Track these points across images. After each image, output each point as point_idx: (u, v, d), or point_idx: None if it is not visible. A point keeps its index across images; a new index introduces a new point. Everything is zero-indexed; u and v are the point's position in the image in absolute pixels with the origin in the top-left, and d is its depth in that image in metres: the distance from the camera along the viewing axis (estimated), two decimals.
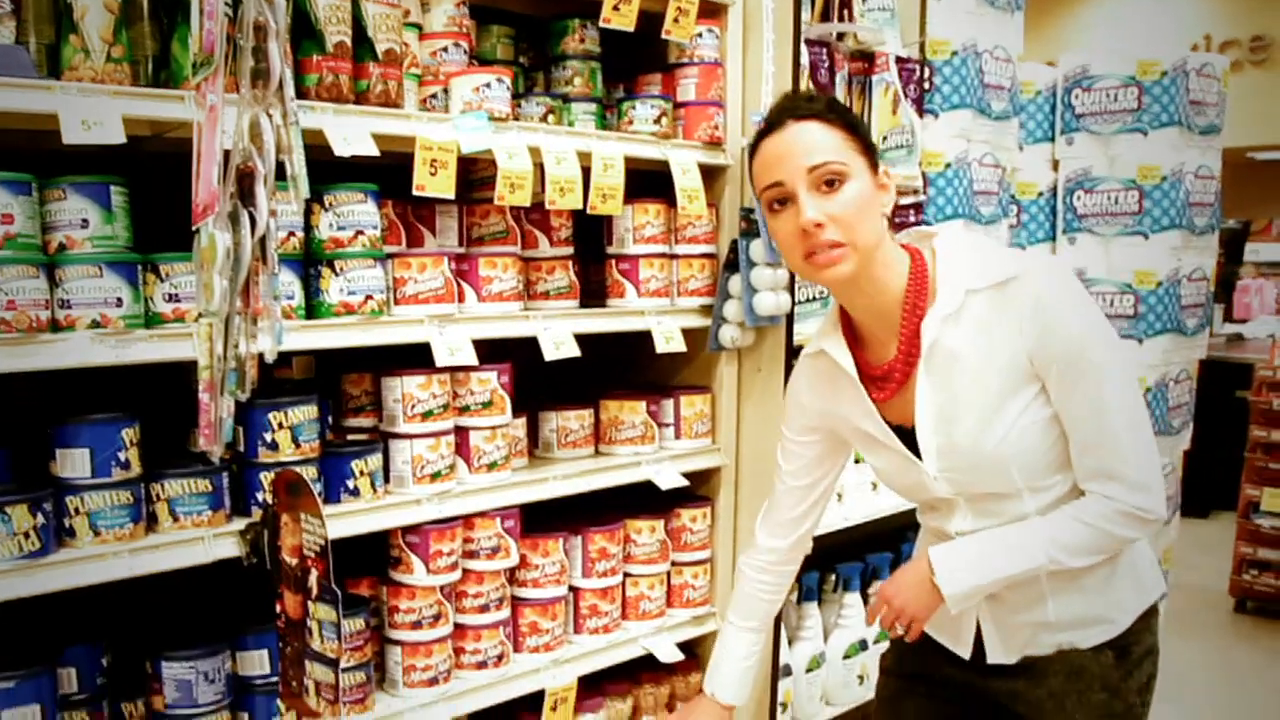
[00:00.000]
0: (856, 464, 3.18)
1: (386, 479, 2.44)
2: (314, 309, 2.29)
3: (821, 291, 3.01)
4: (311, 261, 2.30)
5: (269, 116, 1.70)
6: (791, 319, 2.88)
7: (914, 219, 3.22)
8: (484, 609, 2.59)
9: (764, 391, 2.98)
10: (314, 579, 2.00)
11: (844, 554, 3.46)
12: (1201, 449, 5.08)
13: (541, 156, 2.49)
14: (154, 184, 2.10)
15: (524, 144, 2.45)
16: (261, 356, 1.82)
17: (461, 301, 2.50)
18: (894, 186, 1.92)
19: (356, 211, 2.30)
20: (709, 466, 3.03)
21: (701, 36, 2.86)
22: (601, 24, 2.65)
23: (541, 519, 2.78)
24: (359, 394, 2.55)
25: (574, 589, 2.83)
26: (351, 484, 2.33)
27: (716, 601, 3.07)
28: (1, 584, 1.86)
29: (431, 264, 2.40)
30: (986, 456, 1.88)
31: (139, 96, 1.95)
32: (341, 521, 2.27)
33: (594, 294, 2.92)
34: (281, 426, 2.22)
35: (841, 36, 3.10)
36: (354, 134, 2.17)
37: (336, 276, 2.27)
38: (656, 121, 2.80)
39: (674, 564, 3.01)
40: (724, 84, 2.91)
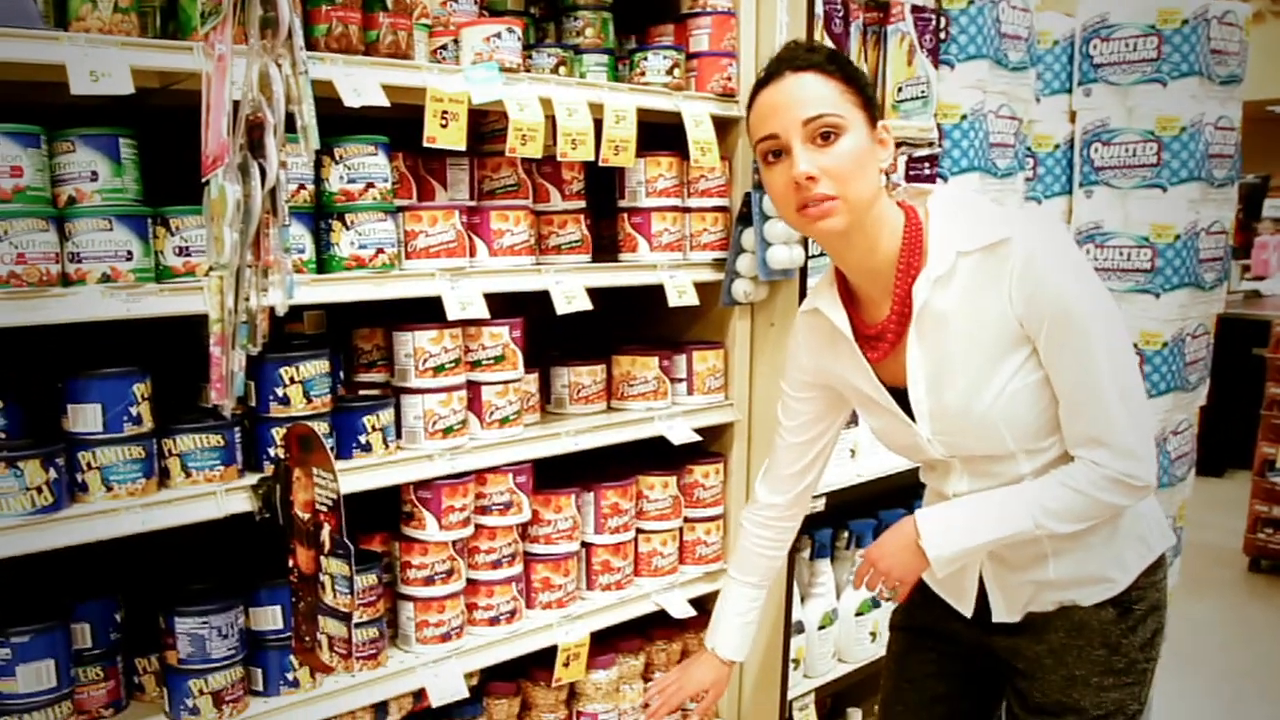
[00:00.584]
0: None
1: (398, 434, 2.44)
2: (325, 263, 2.27)
3: None
4: (322, 215, 2.28)
5: (278, 66, 1.69)
6: (805, 273, 2.86)
7: (929, 171, 3.18)
8: (496, 565, 2.59)
9: (777, 346, 2.96)
10: (326, 534, 2.00)
11: (857, 510, 3.45)
12: (1217, 407, 5.04)
13: (553, 108, 2.47)
14: (163, 138, 2.09)
15: (535, 95, 2.43)
16: (272, 310, 1.81)
17: (473, 255, 2.48)
18: (893, 141, 1.89)
19: (367, 164, 2.28)
20: (722, 422, 3.02)
21: None
22: None
23: (554, 474, 2.77)
24: (370, 349, 2.54)
25: (586, 545, 2.83)
26: (363, 439, 2.33)
27: (729, 558, 3.06)
28: (15, 539, 1.87)
29: (443, 217, 2.38)
30: (977, 419, 1.88)
31: (147, 47, 1.92)
32: (353, 476, 2.26)
33: (606, 248, 2.90)
34: (293, 381, 2.22)
35: None
36: (364, 85, 2.15)
37: (347, 230, 2.25)
38: (669, 73, 2.76)
39: (686, 520, 3.01)
40: (737, 34, 2.87)
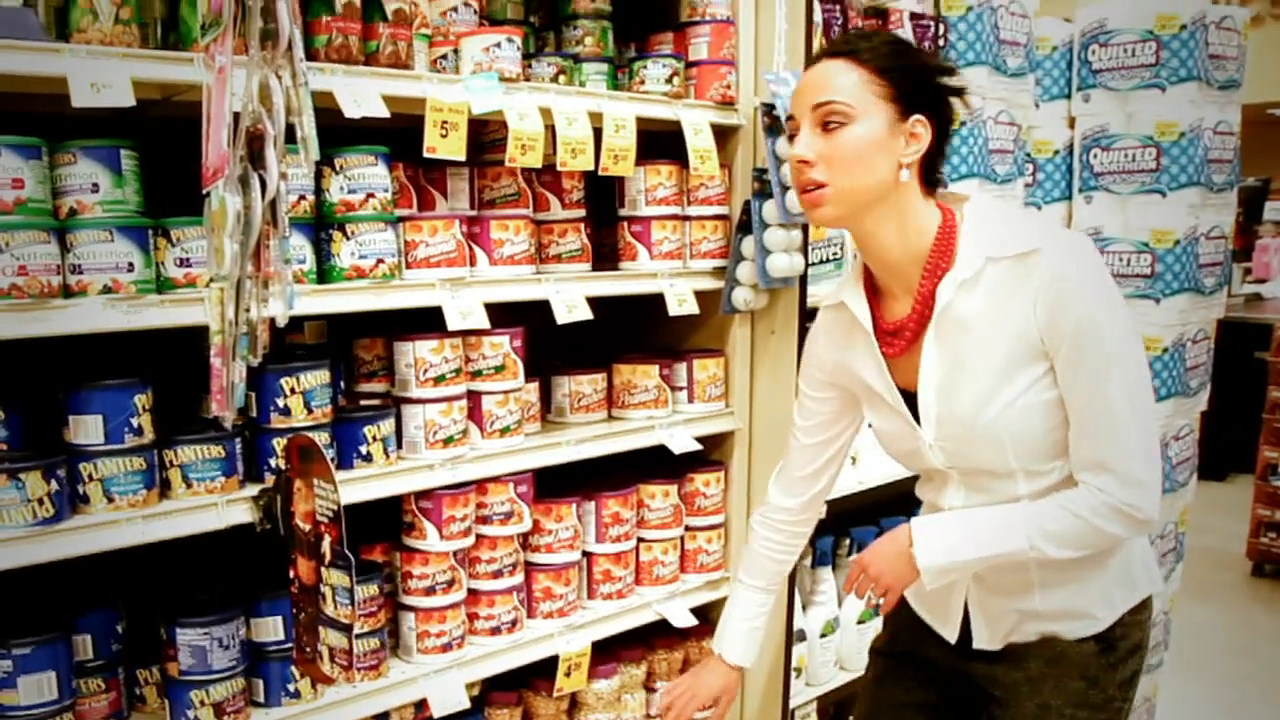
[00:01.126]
0: (870, 427, 3.15)
1: (399, 444, 2.44)
2: (325, 273, 2.28)
3: (835, 253, 2.98)
4: (322, 225, 2.28)
5: (279, 78, 1.69)
6: (805, 280, 2.86)
7: None
8: (497, 574, 2.59)
9: (778, 354, 2.96)
10: (327, 545, 2.00)
11: (858, 518, 3.44)
12: (1219, 411, 5.03)
13: (553, 117, 2.47)
14: (164, 149, 2.09)
15: (535, 105, 2.43)
16: (273, 321, 1.81)
17: (473, 265, 2.48)
18: (928, 137, 1.85)
19: (367, 174, 2.28)
20: (722, 430, 3.02)
21: None
22: None
23: (555, 484, 2.77)
24: (371, 359, 2.54)
25: (587, 554, 2.83)
26: (364, 449, 2.33)
27: (730, 566, 3.06)
28: (16, 550, 1.87)
29: (443, 227, 2.38)
30: (982, 430, 1.86)
31: (148, 59, 1.93)
32: (354, 487, 2.26)
33: (606, 256, 2.90)
34: (294, 391, 2.22)
35: None
36: (364, 95, 2.15)
37: (348, 240, 2.26)
38: (668, 81, 2.76)
39: (687, 529, 3.01)
40: (736, 43, 2.87)
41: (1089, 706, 1.96)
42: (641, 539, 2.93)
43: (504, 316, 2.51)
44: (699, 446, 2.90)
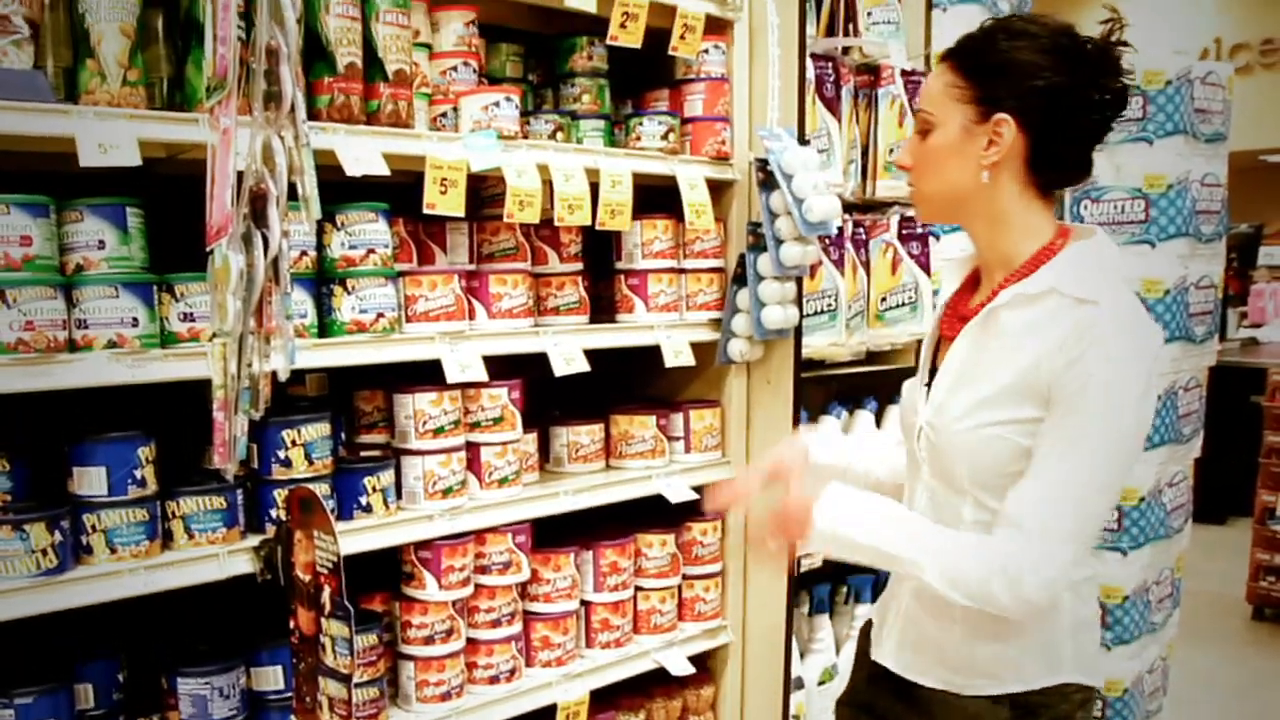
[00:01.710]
0: None
1: (399, 495, 2.46)
2: (326, 327, 2.31)
3: (829, 304, 3.02)
4: (324, 280, 2.32)
5: (281, 138, 1.72)
6: (800, 332, 2.90)
7: (921, 230, 3.23)
8: (496, 624, 2.61)
9: (773, 404, 2.99)
10: (327, 595, 2.02)
11: (855, 566, 3.45)
12: (1217, 454, 5.06)
13: (550, 174, 2.52)
14: (168, 203, 2.12)
15: (533, 162, 2.48)
16: (275, 374, 1.84)
17: (472, 318, 2.52)
18: (1011, 137, 1.79)
19: (368, 230, 2.32)
20: (719, 479, 3.03)
21: (708, 52, 2.89)
22: (609, 42, 2.67)
23: (553, 533, 2.79)
24: (371, 410, 2.57)
25: (585, 603, 2.85)
26: (364, 500, 2.36)
27: (727, 614, 3.08)
28: (20, 601, 1.89)
29: (442, 281, 2.43)
30: (951, 435, 1.85)
31: (154, 119, 1.98)
32: (354, 538, 2.29)
33: (603, 308, 2.94)
34: (295, 444, 2.25)
35: (846, 50, 3.12)
36: (365, 154, 2.20)
37: (348, 295, 2.29)
38: (664, 137, 2.82)
39: (685, 577, 3.03)
40: (730, 99, 2.93)
41: None
42: (639, 588, 2.94)
43: (502, 367, 2.54)
44: (696, 496, 2.92)
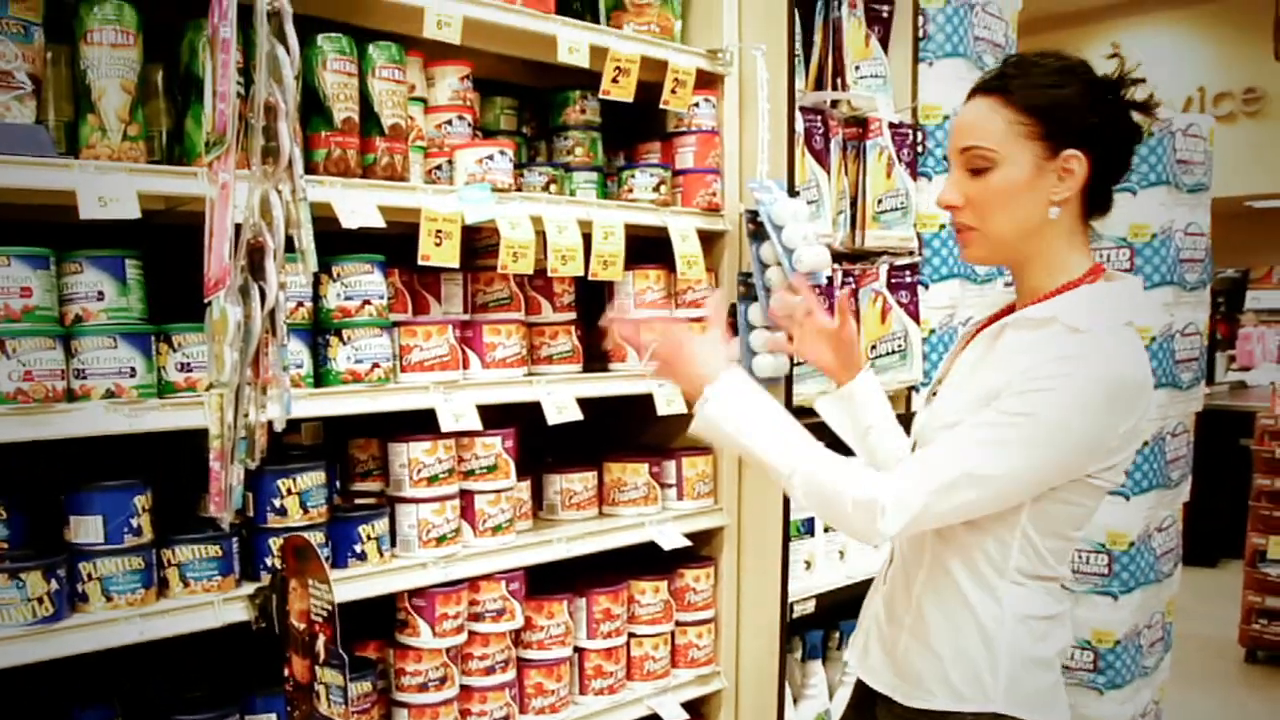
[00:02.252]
0: (826, 532, 3.21)
1: (393, 543, 2.48)
2: (322, 377, 2.34)
3: None
4: (320, 330, 2.35)
5: (279, 192, 1.76)
6: (791, 380, 2.92)
7: (910, 279, 3.27)
8: (489, 671, 2.61)
9: None
10: (321, 643, 2.03)
11: (847, 611, 3.44)
12: (1207, 497, 5.08)
13: (544, 225, 2.55)
14: (167, 254, 2.15)
15: (526, 214, 2.51)
16: (271, 424, 1.86)
17: (466, 368, 2.55)
18: (1083, 172, 1.81)
19: (364, 281, 2.35)
20: (711, 526, 3.06)
21: (699, 106, 2.94)
22: (601, 95, 2.71)
23: (546, 580, 2.80)
24: (366, 459, 2.59)
25: (579, 650, 2.85)
26: (358, 548, 2.37)
27: (721, 661, 3.09)
28: (16, 649, 1.89)
29: (437, 332, 2.46)
30: (929, 434, 1.90)
31: (154, 173, 2.01)
32: (348, 585, 2.30)
33: (597, 357, 2.96)
34: (290, 492, 2.27)
35: (835, 104, 3.18)
36: (361, 207, 2.23)
37: (344, 345, 2.32)
38: (656, 189, 2.86)
39: (678, 624, 3.03)
40: (721, 151, 2.98)
41: None
42: (632, 634, 2.95)
43: (496, 415, 2.57)
44: (688, 543, 2.94)
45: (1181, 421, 4.03)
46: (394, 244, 2.45)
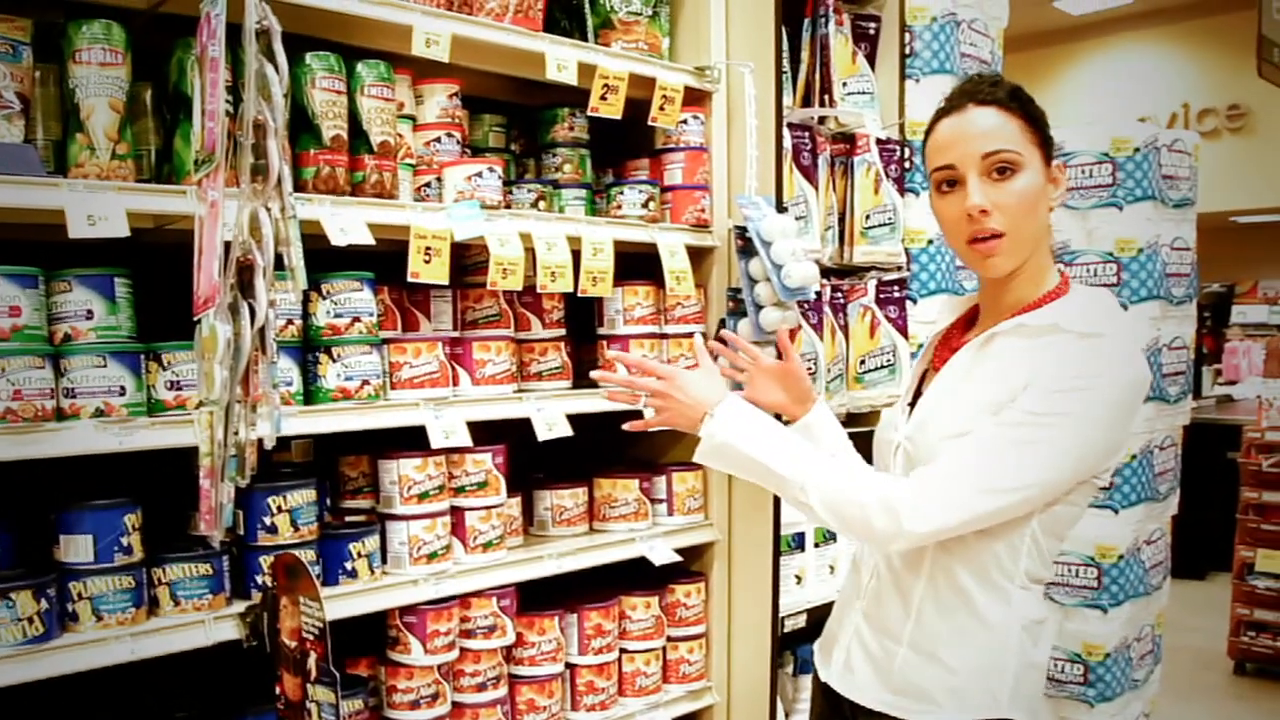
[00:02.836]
0: (816, 547, 3.22)
1: (384, 560, 2.48)
2: (312, 394, 2.34)
3: (809, 368, 3.05)
4: (310, 348, 2.35)
5: (268, 210, 1.76)
6: None
7: (899, 294, 3.28)
8: (481, 688, 2.61)
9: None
10: (313, 661, 2.03)
11: None
12: (1195, 510, 5.10)
13: (533, 242, 2.55)
14: (155, 270, 2.15)
15: (515, 230, 2.52)
16: (261, 442, 1.86)
17: (456, 385, 2.55)
18: (1066, 181, 1.91)
19: (353, 299, 2.36)
20: (702, 542, 3.06)
21: (687, 123, 2.95)
22: (590, 113, 2.73)
23: (537, 596, 2.80)
24: (356, 476, 2.59)
25: (570, 666, 2.85)
26: (349, 565, 2.37)
27: (712, 676, 3.08)
28: (5, 669, 1.89)
29: (426, 349, 2.46)
30: (928, 448, 1.89)
31: (143, 192, 2.01)
32: (340, 603, 2.30)
33: (586, 373, 2.96)
34: (280, 510, 2.26)
35: (823, 120, 3.19)
36: (350, 224, 2.23)
37: (334, 363, 2.32)
38: (644, 205, 2.87)
39: (669, 639, 3.03)
40: (709, 168, 2.99)
41: None
42: (624, 650, 2.95)
43: (486, 432, 2.57)
44: (679, 558, 2.94)
45: (1169, 435, 4.05)
46: (383, 261, 2.45)
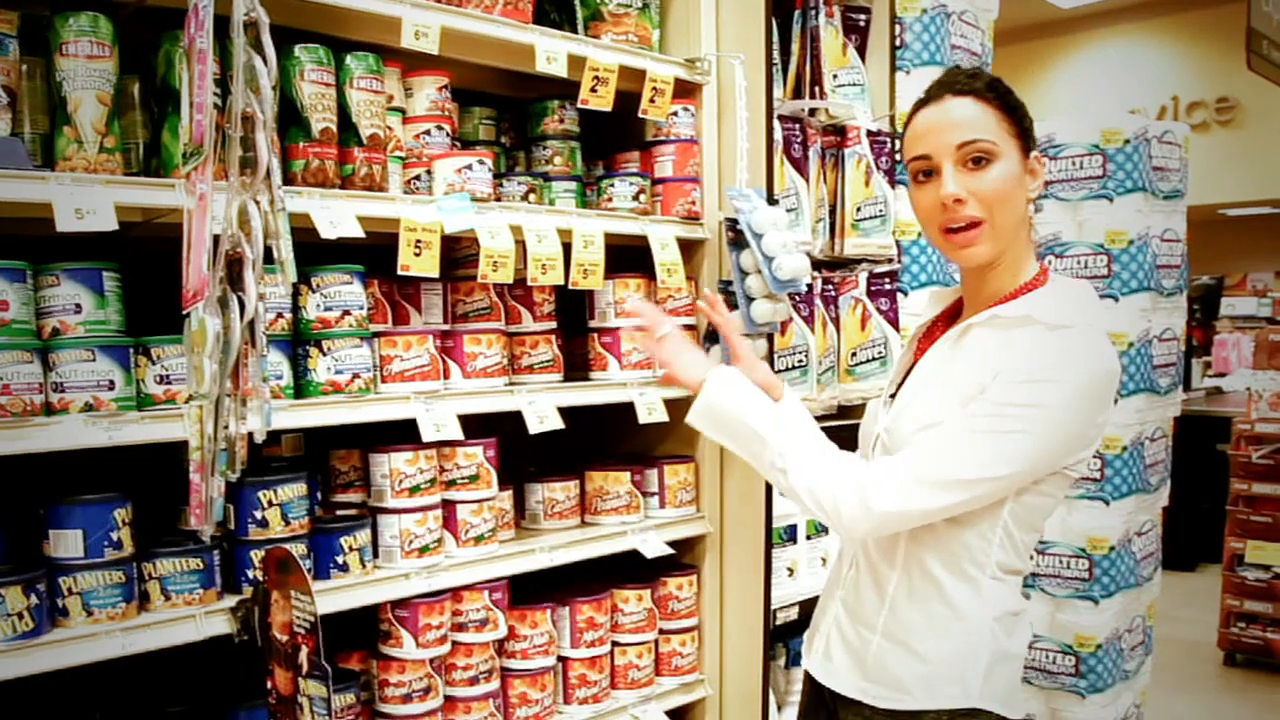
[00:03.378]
0: (808, 539, 3.22)
1: (375, 554, 2.47)
2: (302, 388, 2.33)
3: (801, 360, 3.06)
4: (300, 341, 2.34)
5: (257, 203, 1.75)
6: None
7: (890, 286, 3.28)
8: (473, 681, 2.61)
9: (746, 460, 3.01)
10: (304, 655, 2.02)
11: None
12: (1185, 501, 5.12)
13: (523, 234, 2.55)
14: (144, 265, 2.14)
15: (505, 223, 2.51)
16: (251, 436, 1.86)
17: (447, 378, 2.54)
18: (1044, 172, 1.94)
19: (343, 292, 2.35)
20: (694, 534, 3.06)
21: (677, 115, 2.95)
22: (580, 105, 2.72)
23: (529, 589, 2.80)
24: (347, 470, 2.58)
25: (562, 659, 2.85)
26: (340, 559, 2.36)
27: (704, 668, 3.09)
28: None
29: (417, 342, 2.45)
30: (902, 438, 1.92)
31: (131, 185, 2.00)
32: (331, 597, 2.29)
33: (577, 366, 2.96)
34: (271, 504, 2.26)
35: (813, 112, 3.19)
36: (340, 217, 2.23)
37: (324, 356, 2.32)
38: (635, 198, 2.86)
39: (661, 632, 3.03)
40: (700, 160, 2.99)
41: None
42: (616, 643, 2.95)
43: (477, 425, 2.57)
44: (671, 551, 2.94)
45: (1160, 426, 4.06)
46: (373, 254, 2.44)
